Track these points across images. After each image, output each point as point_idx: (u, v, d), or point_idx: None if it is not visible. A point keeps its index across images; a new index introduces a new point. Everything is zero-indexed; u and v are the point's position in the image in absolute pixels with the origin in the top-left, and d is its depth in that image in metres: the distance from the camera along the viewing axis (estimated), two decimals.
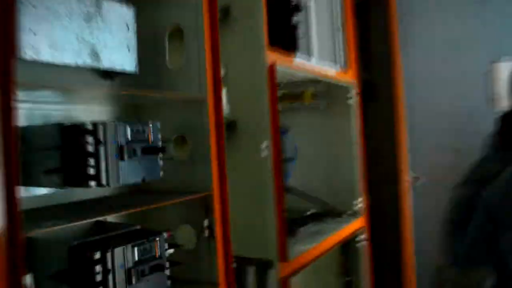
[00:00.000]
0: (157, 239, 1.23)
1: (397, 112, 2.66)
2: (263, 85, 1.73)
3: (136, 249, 1.17)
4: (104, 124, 1.11)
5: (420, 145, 2.99)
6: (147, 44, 1.59)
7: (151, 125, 1.22)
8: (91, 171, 1.10)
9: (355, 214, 2.47)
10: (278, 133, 1.76)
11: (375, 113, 2.68)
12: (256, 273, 1.89)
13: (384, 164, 2.71)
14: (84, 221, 1.15)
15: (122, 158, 1.14)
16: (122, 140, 1.15)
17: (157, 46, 1.57)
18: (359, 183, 2.48)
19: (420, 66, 2.84)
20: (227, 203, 1.47)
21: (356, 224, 2.44)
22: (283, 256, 1.78)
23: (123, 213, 1.23)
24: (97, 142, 1.10)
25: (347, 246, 2.47)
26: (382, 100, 2.70)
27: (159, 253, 1.23)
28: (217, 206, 1.45)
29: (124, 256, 1.14)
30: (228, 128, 1.84)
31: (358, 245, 2.48)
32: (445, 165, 2.98)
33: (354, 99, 2.46)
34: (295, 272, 1.85)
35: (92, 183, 1.10)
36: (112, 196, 1.52)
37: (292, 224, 2.27)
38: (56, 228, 1.06)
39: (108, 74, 1.47)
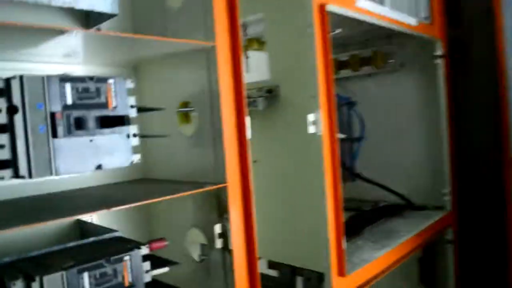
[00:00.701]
0: (125, 258, 0.77)
1: (498, 78, 1.97)
2: (310, 34, 1.20)
3: (86, 275, 0.72)
4: (20, 78, 0.66)
5: None
6: None
7: (111, 81, 0.75)
8: (0, 154, 0.65)
9: (441, 208, 1.86)
10: (333, 101, 1.22)
11: (467, 80, 2.02)
12: (305, 285, 1.38)
13: (481, 143, 2.04)
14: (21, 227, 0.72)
15: (55, 134, 0.69)
16: (55, 105, 0.69)
17: None
18: (447, 168, 1.86)
19: None
20: (251, 200, 0.98)
21: (443, 220, 1.83)
22: (340, 268, 1.25)
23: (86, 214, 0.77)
24: (11, 108, 0.66)
25: (430, 247, 1.87)
26: (477, 64, 2.02)
27: (129, 279, 0.77)
28: (233, 204, 0.96)
29: (65, 286, 0.70)
30: (268, 96, 1.34)
31: (445, 246, 1.88)
32: None
33: (440, 60, 1.82)
34: None
35: (5, 172, 0.66)
36: (101, 185, 1.09)
37: (358, 220, 1.73)
38: None
39: (92, 20, 1.04)
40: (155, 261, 0.84)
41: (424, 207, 1.89)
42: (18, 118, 0.65)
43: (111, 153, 0.75)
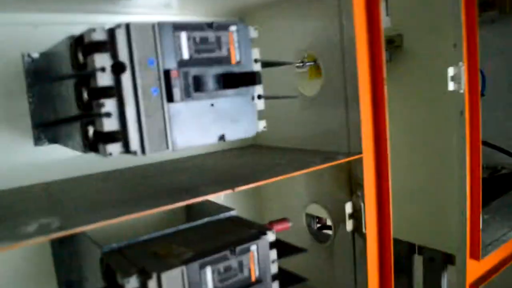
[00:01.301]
0: (252, 248, 0.61)
1: None
2: None
3: (209, 270, 0.57)
4: (127, 27, 0.49)
5: None
6: None
7: (234, 29, 0.56)
8: (107, 124, 0.50)
9: None
10: (477, 50, 0.96)
11: None
12: (426, 266, 1.18)
13: None
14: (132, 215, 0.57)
15: (170, 98, 0.52)
16: (170, 61, 0.52)
17: None
18: None
19: None
20: (388, 174, 0.78)
21: None
22: (474, 250, 1.03)
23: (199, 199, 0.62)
24: (117, 66, 0.50)
25: None
26: None
27: (256, 273, 0.62)
28: (368, 178, 0.77)
29: (185, 283, 0.55)
30: (388, 48, 1.10)
31: None
32: None
33: None
34: (489, 276, 1.10)
35: (113, 147, 0.51)
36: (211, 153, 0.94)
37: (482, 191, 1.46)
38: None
39: None
40: (280, 247, 0.68)
41: None
42: (126, 78, 0.49)
43: (235, 120, 0.58)
